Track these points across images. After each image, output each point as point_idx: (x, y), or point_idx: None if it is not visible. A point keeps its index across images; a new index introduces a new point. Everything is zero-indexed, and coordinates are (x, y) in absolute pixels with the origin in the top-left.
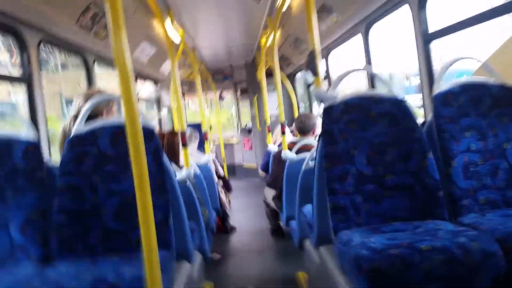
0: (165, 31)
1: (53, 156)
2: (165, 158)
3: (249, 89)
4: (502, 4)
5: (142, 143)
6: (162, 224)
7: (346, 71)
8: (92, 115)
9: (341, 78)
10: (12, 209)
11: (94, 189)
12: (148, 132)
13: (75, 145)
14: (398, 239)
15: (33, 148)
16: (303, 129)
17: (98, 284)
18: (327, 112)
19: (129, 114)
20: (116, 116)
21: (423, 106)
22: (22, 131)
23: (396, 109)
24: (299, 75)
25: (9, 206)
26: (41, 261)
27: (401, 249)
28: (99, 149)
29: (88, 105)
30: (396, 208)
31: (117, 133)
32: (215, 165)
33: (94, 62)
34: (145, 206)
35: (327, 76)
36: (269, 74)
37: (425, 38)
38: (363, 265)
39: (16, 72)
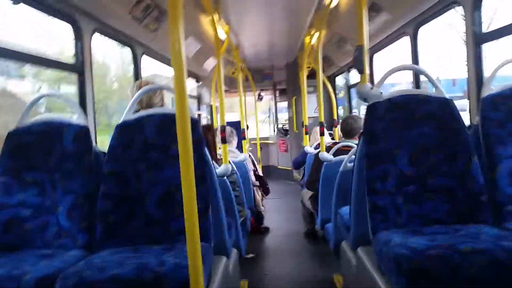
0: (214, 26)
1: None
2: (206, 150)
3: (288, 90)
4: None
5: (189, 134)
6: (202, 215)
7: (393, 68)
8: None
9: (388, 75)
10: (60, 193)
11: (138, 176)
12: (192, 123)
13: (122, 132)
14: (439, 240)
15: (83, 133)
16: (349, 132)
17: (142, 271)
18: (370, 110)
19: (180, 105)
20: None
21: (469, 109)
22: (73, 117)
23: (442, 110)
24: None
25: (57, 189)
26: (86, 247)
27: (441, 249)
28: (145, 137)
29: (137, 94)
30: (437, 210)
31: (164, 122)
32: (253, 164)
33: (142, 54)
34: (190, 195)
35: (371, 79)
36: (309, 75)
37: (477, 40)
38: (403, 264)
39: None
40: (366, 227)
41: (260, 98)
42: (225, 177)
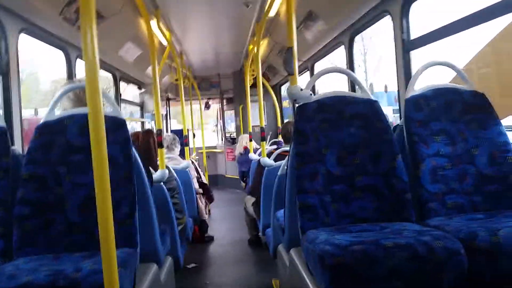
0: (150, 31)
1: None
2: (134, 151)
3: (235, 98)
4: (487, 8)
5: (103, 132)
6: (127, 219)
7: (321, 70)
8: None
9: (317, 77)
10: None
11: (59, 180)
12: (116, 122)
13: (43, 133)
14: (363, 237)
15: (0, 134)
16: (288, 137)
17: (56, 277)
18: (300, 111)
19: (93, 103)
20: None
21: (399, 111)
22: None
23: (368, 110)
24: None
25: None
26: (1, 255)
27: (365, 245)
28: (67, 139)
29: (58, 93)
30: (364, 209)
31: (87, 122)
32: (197, 171)
33: (76, 58)
34: (104, 195)
35: (312, 89)
36: (254, 84)
37: (406, 47)
38: (326, 260)
39: None
40: (298, 227)
41: (207, 106)
42: (162, 183)
